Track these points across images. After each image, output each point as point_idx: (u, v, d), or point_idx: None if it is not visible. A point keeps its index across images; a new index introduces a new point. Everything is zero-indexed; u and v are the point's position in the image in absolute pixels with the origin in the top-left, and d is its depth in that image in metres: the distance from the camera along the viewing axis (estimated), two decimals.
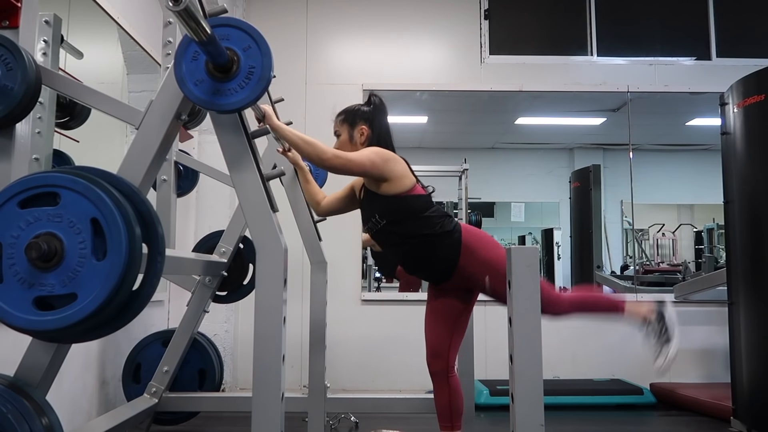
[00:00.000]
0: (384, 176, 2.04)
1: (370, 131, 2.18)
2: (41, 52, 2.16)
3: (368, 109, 2.22)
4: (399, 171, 2.07)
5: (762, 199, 2.96)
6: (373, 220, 2.13)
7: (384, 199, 2.07)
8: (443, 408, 2.14)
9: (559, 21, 4.72)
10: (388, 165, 2.04)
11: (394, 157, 2.09)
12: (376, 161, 2.02)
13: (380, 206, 2.09)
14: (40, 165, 2.21)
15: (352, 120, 2.21)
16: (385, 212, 2.09)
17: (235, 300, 3.07)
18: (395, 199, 2.06)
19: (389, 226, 2.10)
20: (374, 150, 2.07)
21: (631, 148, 4.67)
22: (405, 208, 2.07)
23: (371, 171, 2.03)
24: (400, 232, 2.09)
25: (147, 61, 3.36)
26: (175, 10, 1.12)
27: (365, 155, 2.03)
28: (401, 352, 4.05)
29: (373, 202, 2.11)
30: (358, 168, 2.01)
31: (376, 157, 2.03)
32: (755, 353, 2.94)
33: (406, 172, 2.09)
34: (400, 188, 2.06)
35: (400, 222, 2.08)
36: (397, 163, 2.08)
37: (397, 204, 2.06)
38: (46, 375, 1.49)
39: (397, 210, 2.07)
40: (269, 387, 1.42)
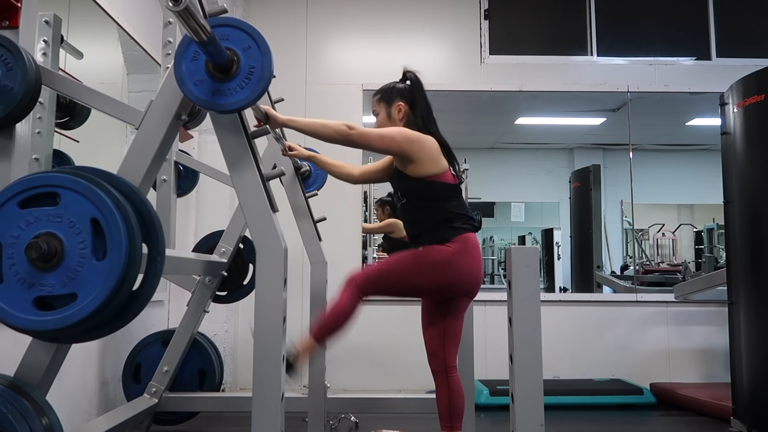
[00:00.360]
0: (408, 156, 2.02)
1: (408, 107, 2.16)
2: (41, 52, 2.16)
3: (404, 86, 2.21)
4: (425, 154, 2.04)
5: (762, 199, 2.96)
6: (397, 194, 2.16)
7: (408, 180, 2.07)
8: (443, 407, 2.14)
9: (559, 21, 4.72)
10: (412, 146, 2.02)
11: (421, 139, 2.05)
12: (397, 139, 2.00)
13: (404, 185, 2.10)
14: (40, 165, 2.21)
15: (388, 98, 2.19)
16: (406, 192, 2.10)
17: (235, 300, 3.07)
18: (418, 182, 2.05)
19: (408, 206, 2.11)
20: (399, 129, 2.05)
21: (631, 148, 4.67)
22: (425, 193, 2.06)
23: (392, 148, 2.02)
24: (417, 214, 2.10)
25: (147, 61, 3.36)
26: (175, 10, 1.12)
27: (387, 132, 2.02)
28: (401, 352, 4.05)
29: (400, 180, 2.12)
30: (377, 143, 2.00)
31: (399, 136, 2.01)
32: (755, 353, 2.94)
33: (434, 157, 2.06)
34: (426, 172, 2.04)
35: (419, 206, 2.08)
36: (425, 146, 2.04)
37: (419, 187, 2.06)
38: (46, 375, 1.49)
39: (417, 192, 2.07)
40: (269, 387, 1.42)
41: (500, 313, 3.45)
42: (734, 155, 3.15)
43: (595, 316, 4.25)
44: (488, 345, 3.96)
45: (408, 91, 2.19)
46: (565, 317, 4.22)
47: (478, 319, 2.49)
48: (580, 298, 4.72)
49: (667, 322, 4.23)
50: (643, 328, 4.23)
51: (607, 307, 4.30)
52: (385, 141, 2.00)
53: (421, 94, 2.20)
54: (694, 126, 6.33)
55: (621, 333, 4.23)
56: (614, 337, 4.22)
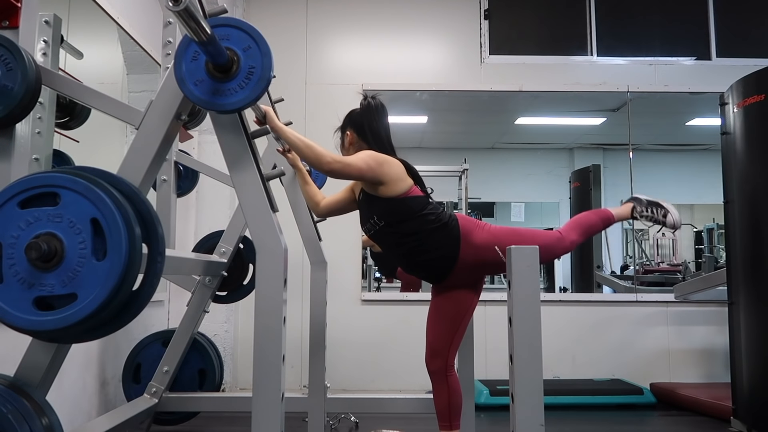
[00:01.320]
0: (380, 179, 2.06)
1: (357, 135, 2.21)
2: (41, 52, 2.16)
3: (356, 113, 2.24)
4: (394, 174, 2.08)
5: (762, 199, 2.96)
6: (371, 221, 2.15)
7: (382, 202, 2.09)
8: (442, 407, 2.14)
9: (559, 21, 4.71)
10: (382, 168, 2.06)
11: (388, 160, 2.10)
12: (371, 164, 2.04)
13: (378, 208, 2.11)
14: (40, 165, 2.21)
15: (343, 125, 2.27)
16: (383, 214, 2.11)
17: (235, 300, 3.07)
18: (393, 201, 2.08)
19: (388, 227, 2.12)
20: (369, 154, 2.08)
21: (631, 148, 4.67)
22: (403, 210, 2.09)
23: (367, 174, 2.05)
24: (398, 233, 2.11)
25: (147, 61, 3.36)
26: (175, 10, 1.12)
27: (361, 159, 2.05)
28: (401, 352, 4.05)
29: (372, 204, 2.13)
30: (356, 172, 2.03)
31: (372, 161, 2.05)
32: (755, 353, 2.94)
33: (401, 175, 2.11)
34: (397, 191, 2.08)
35: (399, 223, 2.10)
36: (392, 167, 2.09)
37: (394, 206, 2.08)
38: (46, 375, 1.49)
39: (395, 212, 2.09)
40: (269, 387, 1.42)
41: (500, 313, 3.45)
42: (734, 155, 3.15)
43: (595, 316, 4.25)
44: (488, 345, 3.96)
45: (357, 118, 2.23)
46: (565, 317, 4.22)
47: (478, 319, 2.49)
48: (580, 298, 4.72)
49: (667, 322, 4.23)
50: (643, 328, 4.23)
51: (607, 307, 4.30)
52: (362, 170, 2.03)
53: (372, 119, 2.20)
54: (694, 126, 6.33)
55: (621, 333, 4.23)
56: (614, 337, 4.22)
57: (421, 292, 4.30)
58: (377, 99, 2.25)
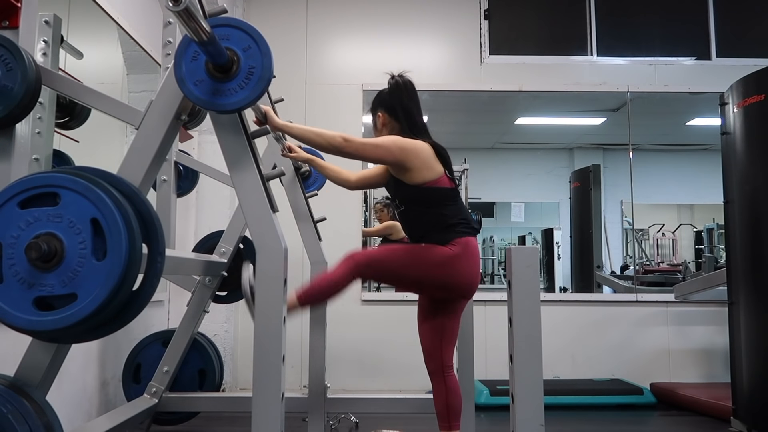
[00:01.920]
0: (403, 165, 2.02)
1: (388, 116, 2.16)
2: (41, 52, 2.16)
3: (386, 93, 2.20)
4: (420, 162, 2.03)
5: (762, 199, 2.96)
6: (396, 201, 2.16)
7: (405, 187, 2.07)
8: (441, 407, 2.14)
9: (559, 21, 4.72)
10: (406, 155, 2.01)
11: (415, 146, 2.04)
12: (391, 149, 2.00)
13: (401, 193, 2.10)
14: (40, 165, 2.21)
15: (373, 107, 2.21)
16: (404, 199, 2.10)
17: (235, 300, 3.07)
18: (415, 189, 2.05)
19: (407, 212, 2.11)
20: (393, 139, 2.04)
21: (631, 148, 4.67)
22: (424, 199, 2.06)
23: (386, 158, 2.02)
24: (417, 220, 2.10)
25: (147, 61, 3.36)
26: (175, 10, 1.12)
27: (380, 142, 2.01)
28: (401, 352, 4.05)
29: (397, 187, 2.12)
30: (372, 154, 2.00)
31: (393, 146, 2.01)
32: (755, 353, 2.94)
33: (429, 163, 2.04)
34: (422, 179, 2.04)
35: (418, 212, 2.08)
36: (419, 153, 2.03)
37: (416, 193, 2.06)
38: (46, 375, 1.49)
39: (416, 199, 2.07)
40: (269, 387, 1.42)
41: (500, 313, 3.45)
42: (734, 155, 3.15)
43: (595, 316, 4.25)
44: (488, 345, 3.96)
45: (387, 98, 2.18)
46: (565, 317, 4.22)
47: (478, 319, 2.49)
48: (580, 298, 4.71)
49: (667, 322, 4.23)
50: (643, 328, 4.23)
51: (607, 307, 4.29)
52: (379, 152, 2.00)
53: (403, 98, 2.15)
54: (694, 126, 6.33)
55: (621, 333, 4.23)
56: (614, 337, 4.22)
57: None
58: (405, 77, 2.18)
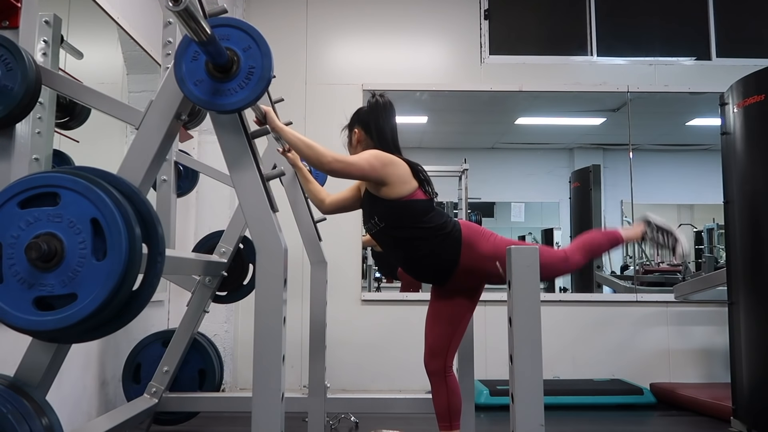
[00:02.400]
0: (383, 180, 2.04)
1: (364, 133, 2.18)
2: (41, 52, 2.16)
3: (364, 111, 2.22)
4: (398, 175, 2.05)
5: (762, 199, 2.96)
6: (372, 221, 2.14)
7: (383, 203, 2.07)
8: (441, 408, 2.14)
9: (559, 21, 4.72)
10: (386, 169, 2.03)
11: (393, 161, 2.07)
12: (375, 165, 2.02)
13: (380, 209, 2.09)
14: (40, 165, 2.21)
15: (351, 123, 2.24)
16: (384, 216, 2.09)
17: (235, 300, 3.07)
18: (394, 204, 2.05)
19: (388, 229, 2.10)
20: (374, 153, 2.06)
21: (631, 148, 4.67)
22: (404, 213, 2.06)
23: (370, 175, 2.03)
24: (398, 236, 2.10)
25: (147, 61, 3.36)
26: (175, 10, 1.12)
27: (364, 159, 2.02)
28: (401, 352, 4.05)
29: (374, 204, 2.11)
30: (358, 171, 2.01)
31: (375, 161, 2.02)
32: (755, 353, 2.94)
33: (406, 177, 2.07)
34: (400, 193, 2.05)
35: (399, 227, 2.08)
36: (397, 168, 2.06)
37: (396, 208, 2.06)
38: (46, 375, 1.49)
39: (396, 214, 2.07)
40: (269, 387, 1.42)
41: (500, 313, 3.45)
42: (734, 155, 3.15)
43: (596, 316, 4.25)
44: (488, 345, 3.96)
45: (364, 116, 2.20)
46: (565, 317, 4.22)
47: (478, 319, 2.49)
48: (580, 298, 4.71)
49: (667, 322, 4.23)
50: (643, 328, 4.23)
51: (607, 307, 4.30)
52: (365, 170, 2.01)
53: (380, 118, 2.17)
54: (694, 126, 6.33)
55: (621, 333, 4.23)
56: (614, 337, 4.22)
57: (421, 292, 4.30)
58: (385, 97, 2.21)
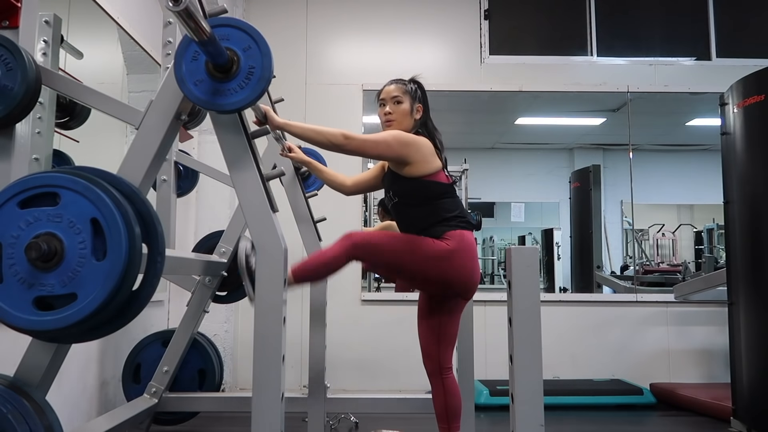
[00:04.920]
0: (404, 159, 2.04)
1: (424, 113, 2.21)
2: (41, 52, 2.16)
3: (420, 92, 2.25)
4: (421, 155, 2.05)
5: (762, 199, 2.96)
6: (389, 194, 2.17)
7: (402, 180, 2.08)
8: (440, 408, 2.13)
9: (559, 21, 4.71)
10: (408, 149, 2.03)
11: (416, 141, 2.07)
12: (392, 145, 2.02)
13: (398, 186, 2.10)
14: (40, 165, 2.21)
15: (415, 95, 2.22)
16: (399, 191, 2.11)
17: (235, 300, 3.07)
18: (413, 181, 2.06)
19: (400, 205, 2.12)
20: (393, 134, 2.06)
21: (631, 148, 4.67)
22: (419, 191, 2.06)
23: (387, 154, 2.03)
24: (407, 212, 2.11)
25: (147, 61, 3.36)
26: (175, 10, 1.12)
27: (382, 138, 2.03)
28: (401, 352, 4.05)
29: (393, 180, 2.12)
30: (373, 150, 2.01)
31: (394, 141, 2.02)
32: (755, 353, 2.94)
33: (428, 157, 2.07)
34: (420, 172, 2.05)
35: (410, 203, 2.09)
36: (420, 147, 2.06)
37: (413, 186, 2.07)
38: (46, 375, 1.49)
39: (411, 190, 2.08)
40: (269, 387, 1.42)
41: (500, 313, 3.45)
42: (734, 155, 3.15)
43: (595, 317, 4.25)
44: (488, 345, 3.96)
45: (424, 96, 2.26)
46: (565, 317, 4.22)
47: (478, 319, 2.49)
48: (580, 298, 4.72)
49: (667, 322, 4.23)
50: (643, 328, 4.23)
51: (607, 308, 4.29)
52: (380, 148, 2.02)
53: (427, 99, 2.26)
54: (694, 126, 6.33)
55: (621, 333, 4.23)
56: (614, 337, 4.22)
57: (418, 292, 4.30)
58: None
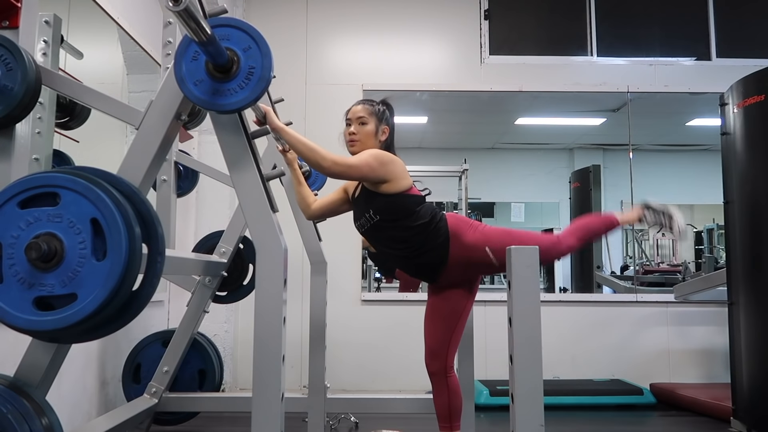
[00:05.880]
0: (383, 179, 2.08)
1: (388, 133, 2.24)
2: (41, 52, 2.16)
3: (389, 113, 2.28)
4: (398, 172, 2.11)
5: (762, 199, 2.96)
6: (366, 215, 2.15)
7: (381, 198, 2.10)
8: (442, 408, 2.14)
9: (559, 21, 4.71)
10: (386, 168, 2.08)
11: (392, 159, 2.12)
12: (373, 166, 2.06)
13: (377, 203, 2.11)
14: (40, 165, 2.21)
15: (381, 117, 2.25)
16: (380, 209, 2.11)
17: (235, 300, 3.07)
18: (392, 197, 2.09)
19: (382, 222, 2.13)
20: (373, 154, 2.09)
21: (631, 148, 4.67)
22: (400, 206, 2.10)
23: (369, 176, 2.07)
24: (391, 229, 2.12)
25: (147, 61, 3.36)
26: (175, 10, 1.12)
27: (364, 160, 2.06)
28: (401, 352, 4.05)
29: (370, 199, 2.13)
30: (357, 174, 2.05)
31: (374, 162, 2.06)
32: (755, 353, 2.94)
33: (404, 174, 2.13)
34: (399, 188, 2.10)
35: (393, 219, 2.10)
36: (396, 165, 2.12)
37: (393, 202, 2.09)
38: (46, 375, 1.49)
39: (392, 207, 2.10)
40: (269, 387, 1.42)
41: (500, 313, 3.45)
42: (734, 155, 3.15)
43: (595, 317, 4.25)
44: (488, 345, 3.96)
45: (391, 117, 2.28)
46: (565, 317, 4.22)
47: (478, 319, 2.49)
48: (580, 298, 4.72)
49: (667, 322, 4.23)
50: (643, 328, 4.23)
51: (607, 308, 4.29)
52: (364, 171, 2.05)
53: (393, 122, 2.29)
54: (694, 126, 6.33)
55: (621, 333, 4.23)
56: (614, 337, 4.22)
57: (420, 292, 4.30)
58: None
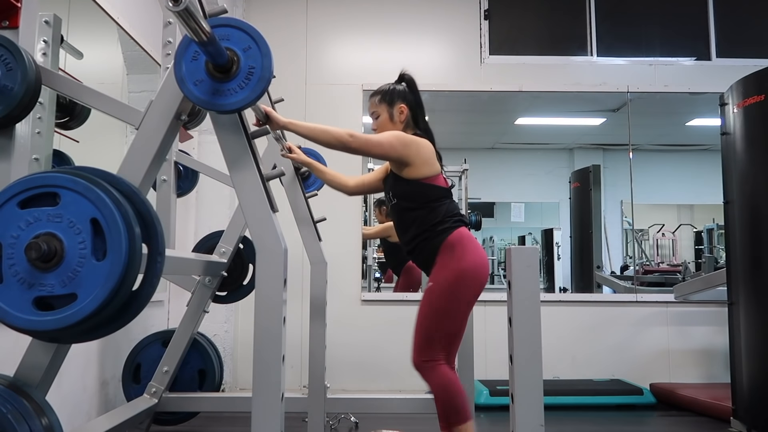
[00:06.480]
0: (404, 160, 2.04)
1: (408, 109, 2.20)
2: (41, 52, 2.16)
3: (403, 87, 2.24)
4: (422, 157, 2.06)
5: (762, 199, 2.96)
6: (388, 195, 2.17)
7: (402, 182, 2.08)
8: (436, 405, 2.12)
9: (559, 21, 4.71)
10: (408, 150, 2.04)
11: (417, 142, 2.07)
12: (394, 144, 2.02)
13: (397, 187, 2.11)
14: (40, 165, 2.21)
15: (390, 99, 2.21)
16: (398, 193, 2.11)
17: (235, 300, 3.07)
18: (412, 183, 2.07)
19: (398, 206, 2.12)
20: (395, 134, 2.07)
21: (631, 148, 4.67)
22: (418, 193, 2.07)
23: (389, 154, 2.03)
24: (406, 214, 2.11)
25: (147, 61, 3.36)
26: (175, 10, 1.12)
27: (384, 137, 2.03)
28: (401, 352, 4.02)
29: (394, 182, 2.13)
30: (377, 149, 2.01)
31: (396, 141, 2.03)
32: (755, 353, 2.94)
33: (429, 160, 2.08)
34: (421, 174, 2.06)
35: (411, 207, 2.08)
36: (421, 149, 2.07)
37: (413, 188, 2.07)
38: (46, 375, 1.49)
39: (410, 192, 2.08)
40: (269, 387, 1.42)
41: (500, 313, 3.45)
42: (734, 155, 3.15)
43: (595, 317, 4.25)
44: (488, 345, 3.96)
45: (407, 92, 2.23)
46: (565, 317, 4.22)
47: (478, 319, 2.49)
48: (580, 298, 4.71)
49: (667, 322, 4.23)
50: (643, 328, 4.23)
51: (607, 308, 4.29)
52: (384, 148, 2.02)
53: (418, 95, 2.24)
54: (694, 126, 6.34)
55: (621, 333, 4.23)
56: (614, 337, 4.22)
57: (420, 292, 4.30)
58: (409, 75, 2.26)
